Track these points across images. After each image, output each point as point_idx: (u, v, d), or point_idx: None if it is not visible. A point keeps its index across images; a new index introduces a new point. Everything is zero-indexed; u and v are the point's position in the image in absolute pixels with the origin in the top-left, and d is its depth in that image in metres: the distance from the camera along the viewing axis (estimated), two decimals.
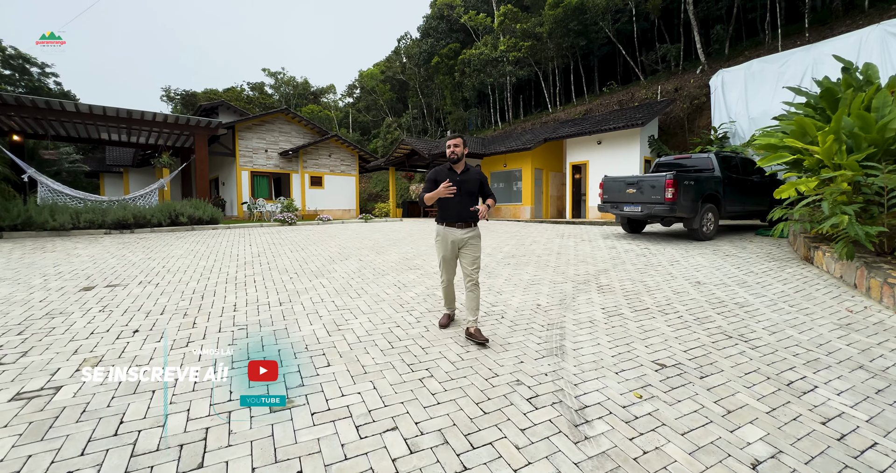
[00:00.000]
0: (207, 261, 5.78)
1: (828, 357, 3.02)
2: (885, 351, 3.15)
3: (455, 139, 3.21)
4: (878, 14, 12.56)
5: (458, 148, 3.19)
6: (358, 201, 21.63)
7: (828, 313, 3.98)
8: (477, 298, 3.16)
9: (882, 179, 5.05)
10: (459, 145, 3.20)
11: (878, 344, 3.27)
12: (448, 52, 27.73)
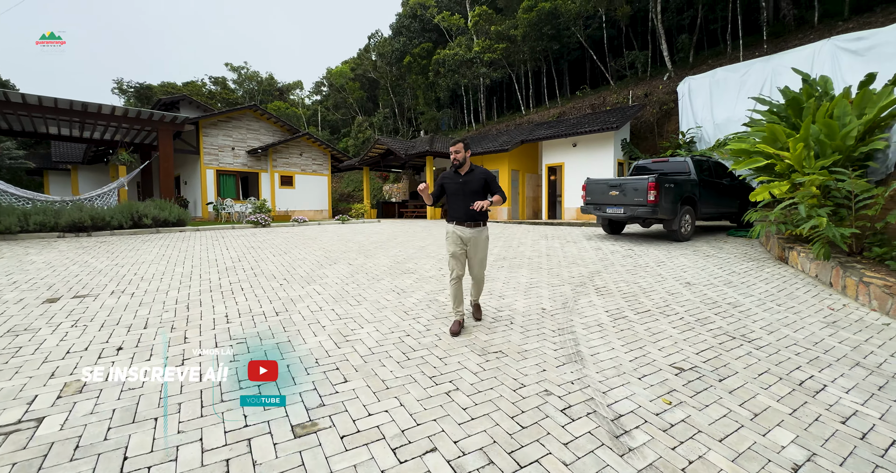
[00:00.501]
0: (184, 267, 5.37)
1: (826, 355, 3.15)
2: (873, 348, 3.32)
3: (455, 145, 3.32)
4: (826, 29, 13.52)
5: (458, 154, 3.31)
6: (330, 202, 21.08)
7: (813, 311, 4.19)
8: (481, 287, 3.56)
9: (849, 183, 5.38)
10: (460, 151, 3.31)
11: (865, 341, 3.45)
12: (421, 52, 27.55)
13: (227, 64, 40.41)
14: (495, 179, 3.38)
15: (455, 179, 3.37)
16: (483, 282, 3.54)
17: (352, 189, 28.12)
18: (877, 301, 4.23)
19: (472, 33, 23.59)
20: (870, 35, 10.48)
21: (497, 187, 3.36)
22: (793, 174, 6.57)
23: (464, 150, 3.34)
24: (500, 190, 3.35)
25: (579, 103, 18.56)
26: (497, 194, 3.31)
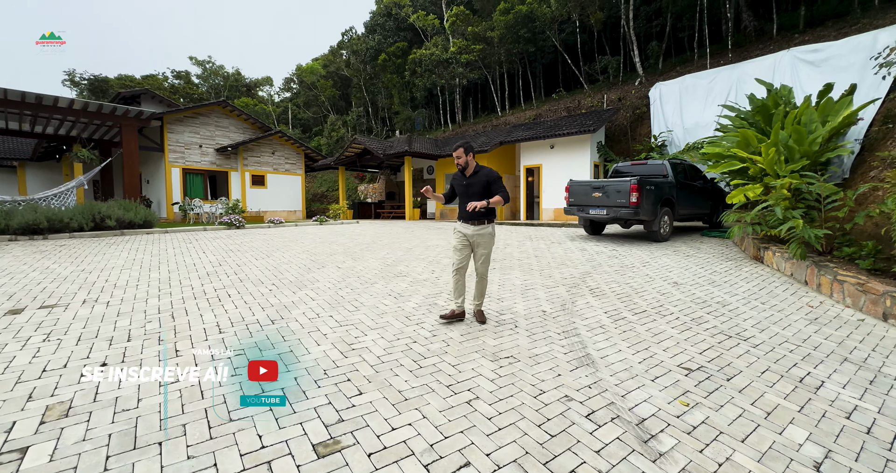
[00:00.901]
0: (159, 272, 5.03)
1: (816, 352, 3.29)
2: (855, 343, 3.50)
3: (457, 150, 3.48)
4: (784, 41, 14.36)
5: (459, 159, 3.49)
6: (304, 202, 20.51)
7: (794, 309, 4.39)
8: (483, 287, 3.57)
9: (818, 187, 5.69)
10: (461, 156, 3.47)
11: (847, 337, 3.64)
12: (396, 51, 27.29)
13: (191, 57, 38.62)
14: (498, 180, 3.44)
15: (461, 180, 3.56)
16: (486, 281, 3.58)
17: (325, 189, 27.49)
18: (850, 298, 4.48)
19: (448, 34, 23.58)
20: (825, 48, 11.20)
21: (499, 187, 3.41)
22: (765, 178, 6.91)
23: (465, 154, 3.46)
24: (501, 190, 3.40)
25: (555, 106, 18.90)
26: (498, 195, 3.38)
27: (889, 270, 4.66)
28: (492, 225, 3.50)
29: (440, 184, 17.65)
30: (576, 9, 17.53)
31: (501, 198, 3.34)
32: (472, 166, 3.49)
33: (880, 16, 12.30)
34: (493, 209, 3.47)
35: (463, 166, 3.48)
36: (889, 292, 4.08)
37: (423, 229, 11.98)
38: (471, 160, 3.49)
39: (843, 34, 12.09)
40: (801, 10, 15.19)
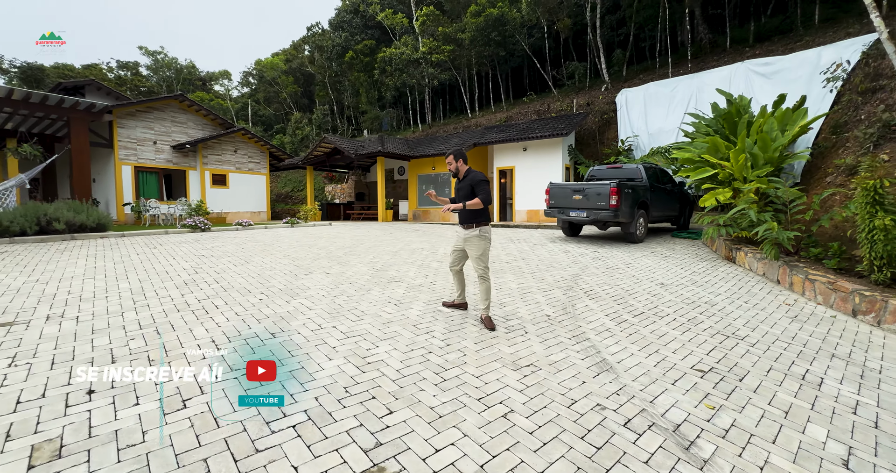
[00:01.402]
0: (129, 282, 4.58)
1: (806, 349, 3.48)
2: (836, 339, 3.74)
3: (448, 157, 3.66)
4: (736, 53, 15.38)
5: (450, 165, 3.66)
6: (269, 203, 19.66)
7: (774, 307, 4.65)
8: (485, 290, 3.59)
9: (783, 191, 6.08)
10: (451, 163, 3.65)
11: (827, 333, 3.89)
12: (363, 49, 26.77)
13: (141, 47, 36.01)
14: (480, 182, 3.52)
15: (456, 185, 3.76)
16: (485, 284, 3.56)
17: (290, 189, 26.50)
18: (821, 296, 4.81)
19: (417, 33, 23.41)
20: (775, 61, 12.08)
21: (480, 190, 3.50)
22: (733, 182, 7.32)
23: (454, 160, 3.63)
24: (481, 193, 3.49)
25: (525, 109, 19.21)
26: (477, 197, 3.49)
27: (852, 269, 5.05)
28: (479, 229, 3.54)
29: (412, 186, 17.47)
30: (544, 15, 17.92)
31: (479, 200, 3.44)
32: (462, 171, 3.65)
33: (820, 33, 13.42)
34: (482, 213, 3.54)
35: (454, 172, 3.66)
36: (857, 291, 4.41)
37: (401, 230, 11.77)
38: (461, 166, 3.63)
39: (790, 49, 13.08)
40: (750, 26, 16.31)
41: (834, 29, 13.23)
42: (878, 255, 4.48)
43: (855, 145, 6.72)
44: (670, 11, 16.92)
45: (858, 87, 7.90)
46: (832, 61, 10.41)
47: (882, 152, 5.88)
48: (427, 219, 16.91)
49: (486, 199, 3.45)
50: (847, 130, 7.87)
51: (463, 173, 3.65)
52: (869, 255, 4.58)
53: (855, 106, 8.22)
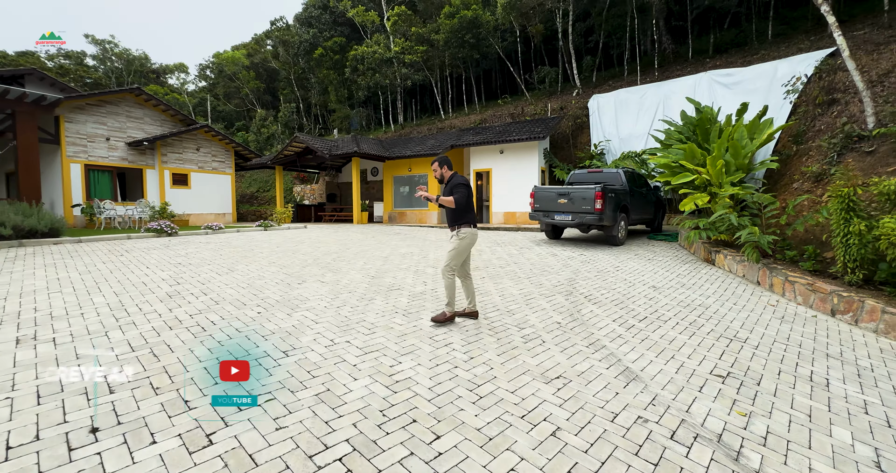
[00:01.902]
0: (104, 295, 4.15)
1: (802, 349, 3.67)
2: (824, 339, 3.97)
3: (433, 164, 3.79)
4: (698, 63, 16.22)
5: (436, 172, 3.80)
6: (234, 204, 18.73)
7: (761, 308, 4.88)
8: (445, 287, 3.70)
9: (757, 196, 6.43)
10: (437, 169, 3.79)
11: (815, 333, 4.11)
12: (333, 46, 26.10)
13: (87, 35, 33.24)
14: (457, 186, 3.69)
15: (442, 191, 3.90)
16: (445, 282, 3.67)
17: (255, 189, 25.40)
18: (801, 297, 5.10)
19: (389, 32, 23.09)
20: (736, 72, 12.83)
21: (457, 191, 3.65)
22: (709, 187, 7.66)
23: (439, 167, 3.78)
24: (454, 193, 3.65)
25: (499, 111, 19.39)
26: (451, 196, 3.66)
27: (825, 271, 5.40)
28: (458, 231, 3.67)
29: (388, 187, 17.19)
30: (517, 19, 18.16)
31: (450, 198, 3.60)
32: (447, 176, 3.79)
33: (774, 48, 14.40)
34: (463, 216, 3.66)
35: (440, 178, 3.80)
36: (835, 292, 4.71)
37: (382, 234, 11.51)
38: (445, 172, 3.78)
39: (747, 62, 13.94)
40: (710, 38, 17.27)
41: (786, 44, 14.24)
42: (852, 258, 4.80)
43: (818, 154, 7.21)
44: (637, 22, 17.61)
45: (816, 99, 8.51)
46: (787, 74, 11.20)
47: (845, 161, 6.35)
48: (403, 221, 16.68)
49: (459, 199, 3.60)
50: (806, 140, 8.45)
51: (447, 179, 3.79)
52: (843, 258, 4.90)
53: (812, 117, 8.85)
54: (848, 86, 8.24)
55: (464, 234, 3.64)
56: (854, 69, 6.18)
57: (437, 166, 3.77)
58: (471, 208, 3.70)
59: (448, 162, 3.79)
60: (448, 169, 3.78)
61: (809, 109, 8.92)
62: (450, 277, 3.65)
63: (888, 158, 5.76)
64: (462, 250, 3.64)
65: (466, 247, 3.66)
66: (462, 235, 3.63)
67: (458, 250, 3.64)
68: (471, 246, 3.71)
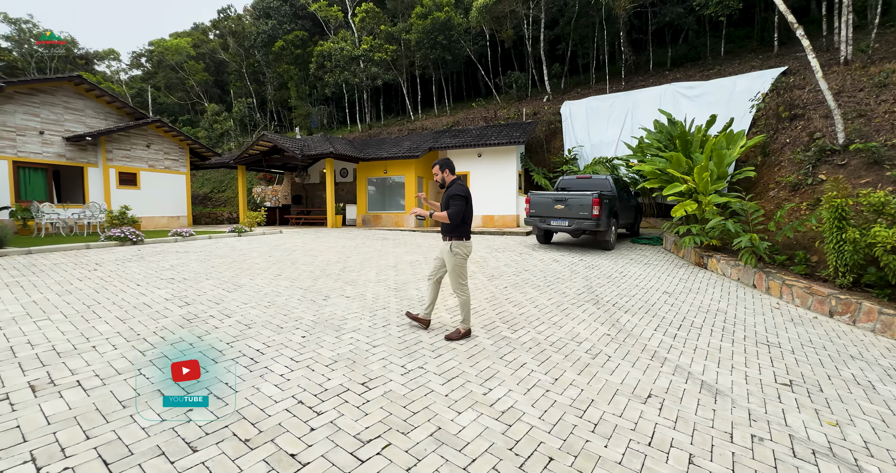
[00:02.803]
0: (107, 323, 3.56)
1: (830, 352, 3.93)
2: (836, 339, 4.28)
3: (434, 167, 3.62)
4: (658, 75, 17.26)
5: (437, 176, 3.61)
6: (189, 207, 17.29)
7: (769, 311, 5.21)
8: (461, 304, 3.57)
9: (745, 204, 6.90)
10: (437, 173, 3.60)
11: (826, 334, 4.43)
12: (294, 40, 24.89)
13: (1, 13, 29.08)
14: (453, 196, 3.46)
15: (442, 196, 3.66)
16: (461, 300, 3.56)
17: (209, 190, 23.64)
18: (798, 299, 5.51)
19: (356, 29, 22.43)
20: (698, 85, 13.76)
21: (453, 204, 3.44)
22: (695, 195, 8.11)
23: (440, 171, 3.57)
24: (452, 206, 3.43)
25: (472, 114, 19.45)
26: (445, 211, 3.46)
27: (814, 274, 5.88)
28: (450, 243, 3.48)
29: (361, 189, 16.65)
30: (489, 23, 18.33)
31: (443, 214, 3.42)
32: (448, 181, 3.59)
33: (727, 64, 15.63)
34: (458, 227, 3.46)
35: (441, 183, 3.61)
36: (832, 295, 5.13)
37: (369, 239, 11.08)
38: (447, 176, 3.57)
39: (705, 76, 15.01)
40: (667, 51, 18.42)
41: (738, 61, 15.50)
42: (844, 262, 5.25)
43: (791, 165, 7.87)
44: (605, 33, 18.39)
45: (781, 114, 9.29)
46: (745, 89, 12.20)
47: (820, 173, 6.97)
48: (379, 224, 16.23)
49: (453, 214, 3.40)
50: (772, 151, 9.22)
51: (448, 184, 3.59)
52: (835, 262, 5.35)
53: (775, 130, 9.67)
54: (807, 102, 9.09)
55: (456, 249, 3.48)
56: (826, 89, 6.81)
57: (439, 170, 3.58)
58: (463, 223, 3.50)
59: (450, 166, 3.59)
60: (450, 173, 3.58)
61: (773, 123, 9.73)
62: (463, 294, 3.55)
63: (859, 171, 6.40)
64: (461, 264, 3.53)
65: (463, 260, 3.53)
66: (455, 250, 3.48)
67: (459, 266, 3.52)
68: (466, 257, 3.57)
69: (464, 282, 3.55)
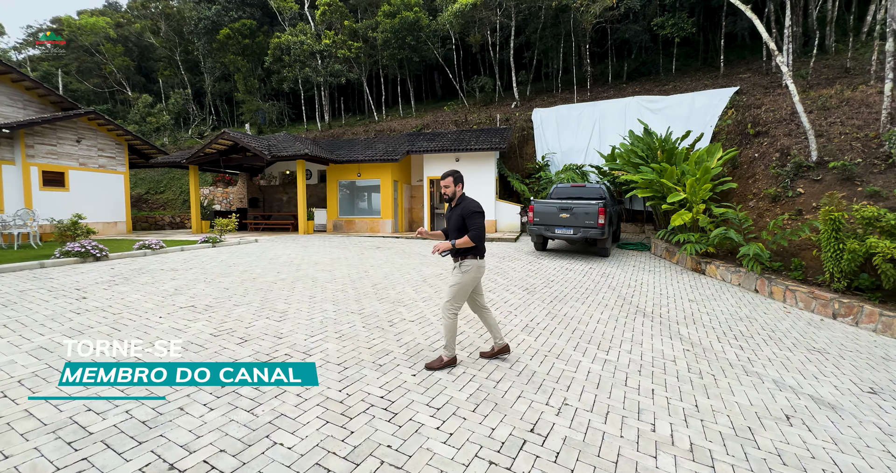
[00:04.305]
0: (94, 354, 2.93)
1: (863, 355, 4.34)
2: (859, 341, 4.78)
3: (445, 179, 3.22)
4: (617, 86, 18.39)
5: (447, 189, 3.23)
6: (129, 212, 15.28)
7: (784, 315, 5.70)
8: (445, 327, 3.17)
9: (733, 214, 7.52)
10: (449, 186, 3.21)
11: (846, 337, 4.93)
12: (242, 29, 23.02)
13: None
14: (472, 214, 3.08)
15: (447, 213, 3.31)
16: (446, 322, 3.16)
17: (144, 191, 21.08)
18: (802, 303, 6.10)
19: (316, 22, 21.26)
20: (660, 100, 14.82)
21: (473, 224, 3.07)
22: (689, 204, 8.68)
23: (453, 184, 3.19)
24: (473, 228, 3.06)
25: (440, 117, 19.30)
26: (467, 235, 3.06)
27: (808, 279, 6.54)
28: (461, 262, 3.15)
29: (332, 192, 15.78)
30: (458, 27, 18.33)
31: (468, 239, 3.03)
32: (457, 196, 3.22)
33: (679, 80, 17.03)
34: (471, 249, 3.12)
35: (450, 196, 3.24)
36: (835, 298, 5.73)
37: (362, 247, 10.48)
38: (458, 190, 3.21)
39: (663, 91, 16.23)
40: (624, 65, 19.67)
41: (689, 78, 16.96)
42: (840, 269, 5.89)
43: (766, 178, 8.72)
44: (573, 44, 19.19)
45: (749, 131, 10.28)
46: (704, 105, 13.39)
47: (798, 187, 7.79)
48: (352, 230, 15.50)
49: (476, 236, 3.04)
50: (740, 164, 10.16)
51: (457, 200, 3.22)
52: (832, 269, 5.99)
53: (739, 144, 10.68)
54: (769, 121, 10.15)
55: (468, 266, 3.12)
56: (802, 112, 7.65)
57: (452, 183, 3.19)
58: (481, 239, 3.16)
59: (462, 179, 3.24)
60: (461, 187, 3.22)
61: (738, 138, 10.74)
62: (451, 317, 3.14)
63: (833, 185, 7.25)
64: (466, 285, 3.14)
65: (471, 282, 3.15)
66: (466, 267, 3.12)
67: (462, 286, 3.13)
68: (476, 280, 3.19)
69: (459, 305, 3.16)
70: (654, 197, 9.48)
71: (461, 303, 3.18)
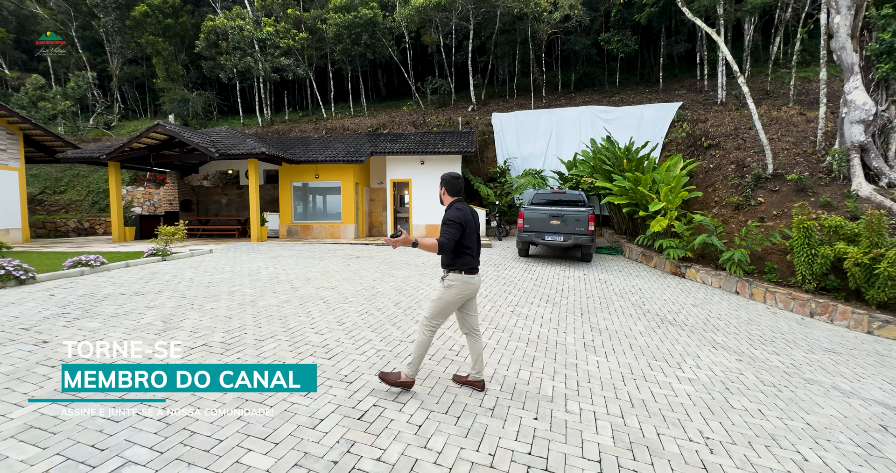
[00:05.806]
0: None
1: (862, 353, 4.87)
2: (845, 339, 5.37)
3: (442, 188, 3.00)
4: (565, 96, 19.27)
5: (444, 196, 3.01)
6: (26, 217, 12.61)
7: (773, 314, 6.25)
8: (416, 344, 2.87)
9: (712, 221, 8.16)
10: (439, 190, 3.02)
11: (833, 335, 5.52)
12: (164, 7, 20.27)
13: None
14: (444, 223, 2.83)
15: None
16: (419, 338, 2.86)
17: (38, 191, 17.61)
18: (782, 303, 6.75)
19: (255, 6, 19.40)
20: (613, 111, 15.77)
21: (443, 231, 2.79)
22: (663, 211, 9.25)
23: (440, 188, 3.01)
24: (442, 234, 2.79)
25: (397, 117, 18.70)
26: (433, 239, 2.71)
27: (781, 281, 7.26)
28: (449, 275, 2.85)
29: (285, 195, 14.46)
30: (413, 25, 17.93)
31: (430, 242, 2.68)
32: (446, 203, 3.01)
33: (623, 93, 18.29)
34: (457, 258, 2.84)
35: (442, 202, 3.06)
36: (811, 299, 6.40)
37: (335, 256, 9.57)
38: (444, 196, 2.98)
39: (612, 102, 17.29)
40: (571, 74, 20.68)
41: (632, 92, 18.26)
42: (812, 272, 6.60)
43: (725, 188, 9.58)
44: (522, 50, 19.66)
45: (703, 143, 11.27)
46: (652, 118, 14.51)
47: (758, 196, 8.65)
48: (309, 235, 14.32)
49: (443, 241, 2.72)
50: (694, 174, 11.10)
51: (447, 206, 2.97)
52: (804, 271, 6.69)
53: (692, 156, 11.66)
54: (717, 135, 11.21)
55: (451, 281, 2.83)
56: (761, 129, 8.54)
57: (440, 188, 2.98)
58: (463, 252, 2.83)
59: (449, 184, 2.93)
60: (447, 193, 2.95)
61: (690, 150, 11.73)
62: (426, 334, 2.84)
63: (790, 196, 8.16)
64: (448, 303, 2.83)
65: (454, 299, 2.83)
66: (449, 282, 2.83)
67: (444, 302, 2.83)
68: (461, 299, 2.86)
69: (438, 323, 2.86)
70: (629, 204, 9.96)
71: (441, 321, 2.86)
